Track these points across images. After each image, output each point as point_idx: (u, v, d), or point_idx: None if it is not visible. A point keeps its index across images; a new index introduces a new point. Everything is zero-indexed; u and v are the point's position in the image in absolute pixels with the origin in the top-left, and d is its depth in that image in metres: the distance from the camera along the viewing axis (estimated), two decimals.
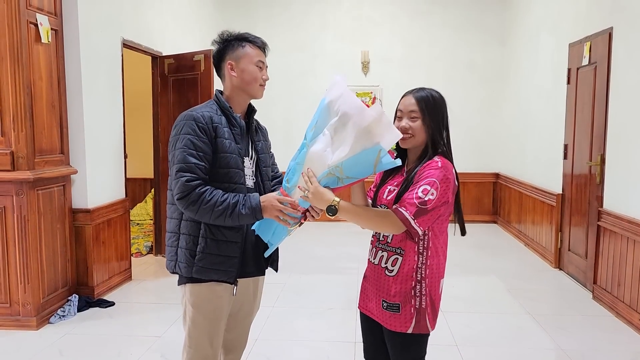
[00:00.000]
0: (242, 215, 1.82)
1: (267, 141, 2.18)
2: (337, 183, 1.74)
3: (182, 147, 1.83)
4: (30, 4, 3.46)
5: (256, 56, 2.02)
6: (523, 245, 6.05)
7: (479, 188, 7.25)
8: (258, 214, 1.83)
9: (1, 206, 3.46)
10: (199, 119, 1.86)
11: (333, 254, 5.66)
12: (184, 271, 1.90)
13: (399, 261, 1.81)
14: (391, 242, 1.84)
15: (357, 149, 1.65)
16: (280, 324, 3.67)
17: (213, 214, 1.81)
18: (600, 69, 4.24)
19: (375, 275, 1.89)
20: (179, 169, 1.82)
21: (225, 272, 1.90)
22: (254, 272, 2.04)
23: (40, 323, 3.56)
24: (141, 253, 5.53)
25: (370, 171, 1.70)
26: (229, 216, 1.81)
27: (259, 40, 2.08)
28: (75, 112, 3.91)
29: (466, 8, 7.20)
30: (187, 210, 1.82)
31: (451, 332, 3.50)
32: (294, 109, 7.31)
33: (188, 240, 1.89)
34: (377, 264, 1.88)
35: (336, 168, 1.70)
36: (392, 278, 1.82)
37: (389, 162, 1.67)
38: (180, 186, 1.80)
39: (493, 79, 7.24)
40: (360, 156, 1.66)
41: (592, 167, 4.33)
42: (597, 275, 4.19)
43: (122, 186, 4.54)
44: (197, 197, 1.80)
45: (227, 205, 1.81)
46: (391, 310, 1.81)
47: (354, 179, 1.73)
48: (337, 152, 1.70)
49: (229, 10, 7.34)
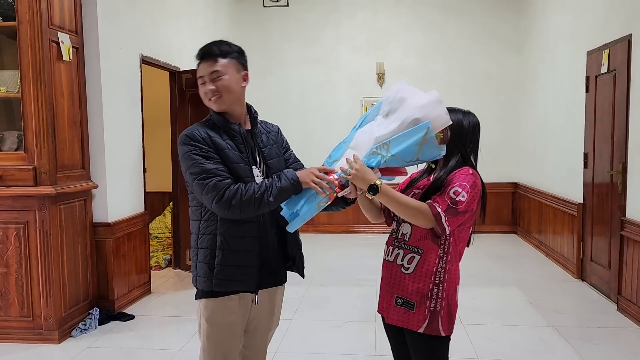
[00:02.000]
0: (283, 188, 1.80)
1: (277, 142, 2.09)
2: (380, 163, 1.76)
3: (193, 163, 1.81)
4: (52, 23, 3.54)
5: (200, 71, 1.91)
6: (544, 255, 5.96)
7: (497, 198, 7.18)
8: (297, 183, 1.81)
9: (24, 221, 3.52)
10: (193, 136, 1.84)
11: (351, 266, 5.63)
12: (203, 285, 1.89)
13: (415, 260, 1.85)
14: (409, 240, 1.88)
15: (408, 124, 1.71)
16: (298, 337, 3.66)
17: (255, 202, 1.78)
18: (619, 77, 4.19)
19: (390, 273, 1.92)
20: (200, 179, 1.79)
21: (245, 282, 1.89)
22: (271, 282, 2.02)
23: (62, 337, 3.60)
24: (160, 266, 5.57)
25: (414, 154, 1.72)
26: (270, 195, 1.79)
27: (200, 51, 1.92)
28: (96, 128, 3.98)
29: (481, 18, 7.19)
30: (230, 210, 1.78)
31: (472, 344, 3.45)
32: (310, 121, 7.35)
33: (206, 254, 1.88)
34: (392, 261, 1.92)
35: (383, 145, 1.74)
36: (408, 275, 1.86)
37: (434, 147, 1.71)
38: (211, 189, 1.77)
39: (510, 88, 7.20)
40: (409, 133, 1.71)
41: (613, 175, 4.26)
42: (621, 285, 4.10)
43: (141, 200, 4.59)
44: (234, 193, 1.77)
45: (266, 186, 1.80)
46: (406, 307, 1.86)
47: (397, 160, 1.74)
48: (387, 128, 1.76)
49: (245, 25, 7.43)
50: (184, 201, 5.29)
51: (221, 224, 1.87)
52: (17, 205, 3.51)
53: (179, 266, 5.47)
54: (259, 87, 7.42)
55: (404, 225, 1.90)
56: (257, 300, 1.96)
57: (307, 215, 1.85)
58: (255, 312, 2.01)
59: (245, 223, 1.87)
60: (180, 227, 5.38)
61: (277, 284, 2.06)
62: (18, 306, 3.57)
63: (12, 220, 3.52)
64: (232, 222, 1.86)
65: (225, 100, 1.89)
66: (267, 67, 7.48)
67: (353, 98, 7.36)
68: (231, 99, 1.90)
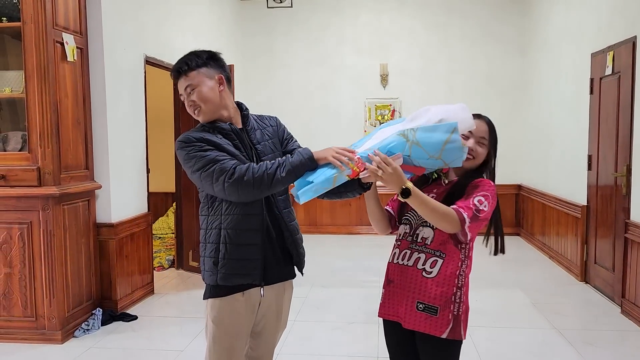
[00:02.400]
0: (297, 163, 1.77)
1: (274, 137, 2.05)
2: (404, 148, 1.72)
3: (195, 160, 1.83)
4: (57, 24, 3.55)
5: (179, 90, 1.97)
6: (547, 258, 5.94)
7: (501, 200, 7.00)
8: (311, 159, 1.79)
9: (28, 221, 3.52)
10: (187, 139, 1.87)
11: (354, 267, 5.62)
12: (209, 279, 1.91)
13: (438, 263, 1.82)
14: (431, 244, 1.84)
15: (435, 120, 1.74)
16: (301, 338, 3.65)
17: (267, 177, 1.76)
18: (624, 79, 4.17)
19: (408, 278, 1.86)
20: (206, 169, 1.80)
21: (250, 276, 1.89)
22: (277, 277, 2.00)
23: (65, 337, 3.60)
24: (163, 267, 5.57)
25: (437, 150, 1.72)
26: (282, 171, 1.77)
27: (172, 70, 1.98)
28: (100, 128, 3.99)
29: (485, 19, 7.17)
30: (243, 189, 1.76)
31: (475, 347, 3.44)
32: (314, 123, 7.34)
33: (211, 249, 1.90)
34: (412, 265, 1.86)
35: (409, 130, 1.74)
36: (431, 280, 1.82)
37: (458, 149, 1.73)
38: (219, 172, 1.77)
39: (513, 90, 7.18)
40: (435, 127, 1.72)
41: (617, 178, 4.25)
42: (625, 288, 4.08)
43: (144, 200, 4.59)
44: (245, 170, 1.76)
45: (278, 162, 1.79)
46: (428, 312, 1.81)
47: (421, 150, 1.73)
48: (411, 123, 1.79)
49: (249, 27, 7.44)
50: (187, 202, 5.29)
51: (225, 217, 1.88)
52: (20, 206, 3.52)
53: (182, 267, 5.47)
54: (263, 88, 7.43)
55: (424, 229, 1.87)
56: (262, 292, 1.95)
57: (320, 186, 1.76)
58: (262, 314, 2.01)
59: (248, 216, 1.88)
60: (183, 227, 5.38)
61: (283, 279, 2.04)
62: (21, 306, 3.58)
63: (16, 220, 3.53)
64: (234, 216, 1.87)
65: (206, 110, 1.92)
66: (271, 67, 7.49)
67: (356, 99, 7.36)
68: (212, 107, 1.93)
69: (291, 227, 2.01)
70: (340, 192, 1.87)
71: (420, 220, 1.88)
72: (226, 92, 1.97)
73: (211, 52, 1.99)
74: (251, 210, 1.89)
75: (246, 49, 7.42)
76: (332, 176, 1.74)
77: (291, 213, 2.05)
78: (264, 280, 1.94)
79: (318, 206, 7.43)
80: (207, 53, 1.97)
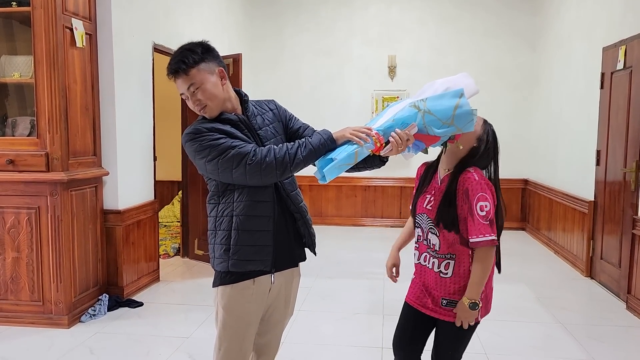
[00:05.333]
0: (315, 143, 1.80)
1: (275, 121, 2.04)
2: (417, 117, 1.79)
3: (209, 150, 1.80)
4: (66, 9, 3.55)
5: (178, 89, 1.89)
6: (553, 253, 5.92)
7: (507, 194, 7.13)
8: (331, 140, 1.81)
9: (36, 206, 3.54)
10: (198, 130, 1.84)
11: (358, 259, 5.63)
12: (220, 267, 1.91)
13: (451, 265, 1.99)
14: (439, 250, 2.00)
15: (441, 90, 1.83)
16: (306, 328, 3.67)
17: (289, 158, 1.76)
18: (636, 73, 4.13)
19: (429, 278, 2.06)
20: (224, 155, 1.77)
21: (262, 262, 1.89)
22: (287, 262, 2.02)
23: (72, 321, 3.63)
24: (168, 255, 5.60)
25: (449, 116, 1.78)
26: (304, 151, 1.78)
27: (168, 69, 1.88)
28: (108, 115, 3.99)
29: (495, 13, 7.11)
30: (265, 170, 1.76)
31: (480, 340, 3.45)
32: (321, 113, 7.31)
33: (223, 235, 1.89)
34: (431, 268, 2.05)
35: (419, 100, 1.81)
36: (449, 279, 2.00)
37: (468, 113, 1.79)
38: (238, 157, 1.76)
39: (523, 84, 7.13)
40: (444, 95, 1.80)
41: (626, 173, 4.22)
42: (631, 284, 4.07)
43: (151, 188, 4.61)
44: (267, 152, 1.77)
45: (298, 144, 1.80)
46: (451, 305, 2.00)
47: (434, 118, 1.79)
48: (420, 95, 1.87)
49: (257, 17, 7.41)
50: (194, 190, 5.30)
51: (237, 204, 1.88)
52: (29, 191, 3.53)
53: (188, 255, 5.49)
54: (270, 79, 7.41)
55: (432, 236, 2.02)
56: (273, 279, 1.95)
57: (343, 162, 1.78)
58: (271, 301, 2.02)
59: (259, 203, 1.88)
60: (189, 216, 5.39)
61: (293, 265, 2.06)
62: (29, 291, 3.60)
63: (24, 205, 3.55)
64: (246, 202, 1.87)
65: (213, 107, 1.89)
66: (279, 58, 7.46)
67: (364, 91, 7.33)
68: (218, 103, 1.90)
69: (301, 209, 2.02)
70: (359, 167, 1.92)
71: (428, 226, 2.03)
72: (227, 84, 1.95)
73: (204, 45, 1.91)
74: (262, 197, 1.89)
75: (254, 39, 7.40)
76: (354, 151, 1.77)
77: (299, 194, 2.06)
78: (274, 266, 1.94)
79: (323, 197, 7.43)
80: (200, 46, 1.90)
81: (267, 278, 1.95)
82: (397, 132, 1.79)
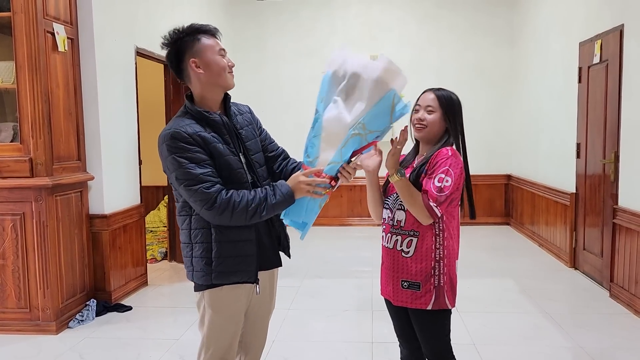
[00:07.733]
0: (277, 203, 1.81)
1: (252, 123, 2.04)
2: (362, 142, 1.82)
3: (179, 167, 1.75)
4: (47, 14, 3.53)
5: (215, 45, 1.89)
6: (537, 246, 6.01)
7: (490, 190, 7.23)
8: (290, 197, 1.83)
9: (20, 212, 3.51)
10: (179, 134, 1.77)
11: (346, 258, 5.66)
12: (201, 280, 1.86)
13: (413, 242, 1.96)
14: (404, 226, 1.98)
15: (374, 100, 1.79)
16: (296, 325, 3.68)
17: (248, 214, 1.77)
18: (612, 67, 4.23)
19: (391, 259, 2.02)
20: (187, 184, 1.75)
21: (246, 272, 1.87)
22: (275, 262, 2.03)
23: (60, 327, 3.60)
24: (156, 259, 5.57)
25: (388, 121, 1.82)
26: (263, 210, 1.79)
27: (210, 28, 1.92)
28: (92, 119, 3.97)
29: (474, 11, 7.22)
30: (220, 218, 1.76)
31: (468, 331, 3.49)
32: (305, 114, 7.30)
33: (202, 248, 1.84)
34: (392, 247, 2.01)
35: (358, 125, 1.80)
36: (410, 259, 1.97)
37: (402, 108, 1.80)
38: (200, 195, 1.73)
39: (503, 81, 7.24)
40: (378, 106, 1.79)
41: (606, 165, 4.31)
42: (613, 273, 4.16)
43: (137, 192, 4.58)
44: (226, 204, 1.74)
45: (259, 200, 1.79)
46: (412, 288, 1.96)
47: (376, 133, 1.83)
48: (353, 110, 1.82)
49: (239, 19, 7.41)
50: None
51: None
52: (13, 197, 3.50)
53: (175, 259, 5.47)
54: (253, 81, 7.41)
55: (398, 212, 2.00)
56: (258, 290, 1.95)
57: (313, 219, 1.93)
58: (256, 298, 2.01)
59: None
60: (175, 221, 5.37)
61: (278, 264, 2.07)
62: (15, 298, 3.57)
63: (9, 211, 3.52)
64: None
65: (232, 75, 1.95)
66: (261, 60, 7.47)
67: None
68: (231, 76, 1.95)
69: None
70: None
71: (396, 205, 2.01)
72: None
73: None
74: None
75: (236, 41, 7.39)
76: (317, 205, 1.90)
77: None
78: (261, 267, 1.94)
79: None
80: None
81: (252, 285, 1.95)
82: (345, 168, 1.85)
